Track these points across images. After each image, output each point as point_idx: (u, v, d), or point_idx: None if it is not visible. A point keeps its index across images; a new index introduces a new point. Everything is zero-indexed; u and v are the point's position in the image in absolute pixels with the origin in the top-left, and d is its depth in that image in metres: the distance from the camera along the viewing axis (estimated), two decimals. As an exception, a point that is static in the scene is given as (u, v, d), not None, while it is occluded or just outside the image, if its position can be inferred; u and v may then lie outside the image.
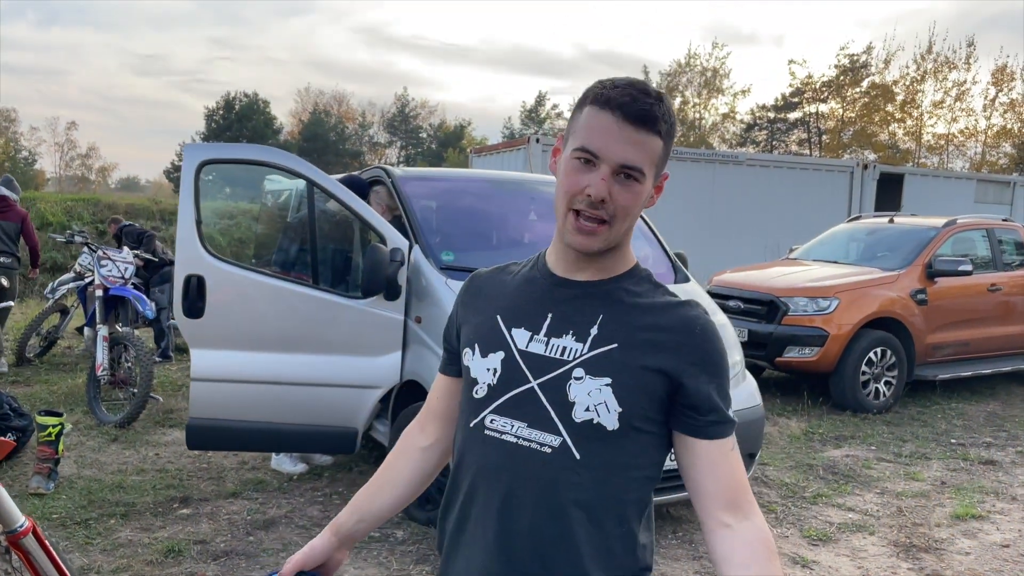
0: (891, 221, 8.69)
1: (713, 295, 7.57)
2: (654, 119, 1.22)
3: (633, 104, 1.21)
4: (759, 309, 7.39)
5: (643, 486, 1.30)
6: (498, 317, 1.35)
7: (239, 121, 48.62)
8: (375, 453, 5.21)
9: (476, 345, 1.36)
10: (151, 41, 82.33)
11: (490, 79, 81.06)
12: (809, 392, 7.44)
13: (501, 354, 1.32)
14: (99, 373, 6.06)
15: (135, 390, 5.97)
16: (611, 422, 1.24)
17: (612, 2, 76.83)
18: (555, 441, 1.26)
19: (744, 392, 4.41)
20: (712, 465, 1.26)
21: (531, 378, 1.28)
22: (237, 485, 4.77)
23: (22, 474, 4.77)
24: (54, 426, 4.61)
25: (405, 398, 4.35)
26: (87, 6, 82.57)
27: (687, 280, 4.87)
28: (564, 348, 1.28)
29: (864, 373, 7.09)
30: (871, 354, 7.10)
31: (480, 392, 1.33)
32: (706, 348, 1.27)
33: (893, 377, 7.22)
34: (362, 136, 57.57)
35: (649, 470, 1.30)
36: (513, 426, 1.29)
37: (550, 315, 1.31)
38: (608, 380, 1.24)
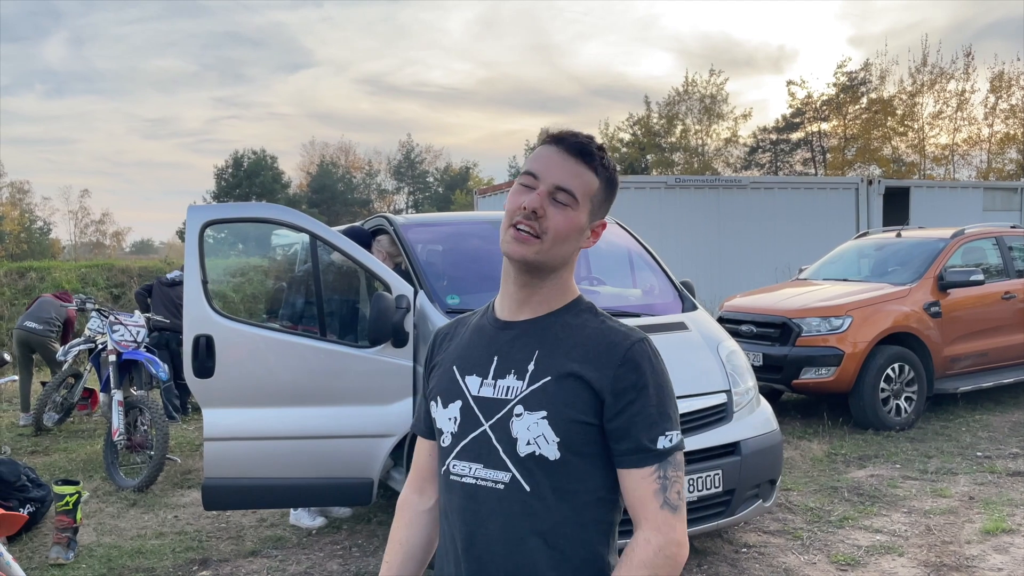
0: (899, 235, 8.65)
1: (724, 320, 7.55)
2: (590, 154, 1.36)
3: (573, 139, 1.37)
4: (772, 332, 7.34)
5: (600, 508, 1.35)
6: (454, 368, 1.45)
7: (248, 178, 49.15)
8: (393, 502, 5.16)
9: (438, 398, 1.45)
10: (157, 105, 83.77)
11: (493, 119, 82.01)
12: (829, 413, 7.36)
13: (459, 403, 1.41)
14: (116, 438, 6.08)
15: (152, 453, 5.98)
16: (552, 452, 1.32)
17: (607, 38, 77.78)
18: (506, 477, 1.34)
19: (759, 418, 4.36)
20: (626, 491, 1.33)
21: (483, 421, 1.37)
22: (256, 543, 4.74)
23: (42, 545, 4.77)
24: (71, 495, 4.62)
25: (419, 445, 4.32)
26: (93, 75, 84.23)
27: (694, 308, 4.84)
28: (508, 388, 1.36)
29: (883, 390, 7.00)
30: (889, 370, 7.02)
31: (445, 441, 1.43)
32: (626, 371, 1.32)
33: (913, 392, 7.13)
34: (370, 184, 58.09)
35: (602, 492, 1.35)
36: (471, 468, 1.38)
37: (496, 358, 1.40)
38: (544, 413, 1.32)
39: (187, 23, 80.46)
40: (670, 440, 1.32)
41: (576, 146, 1.35)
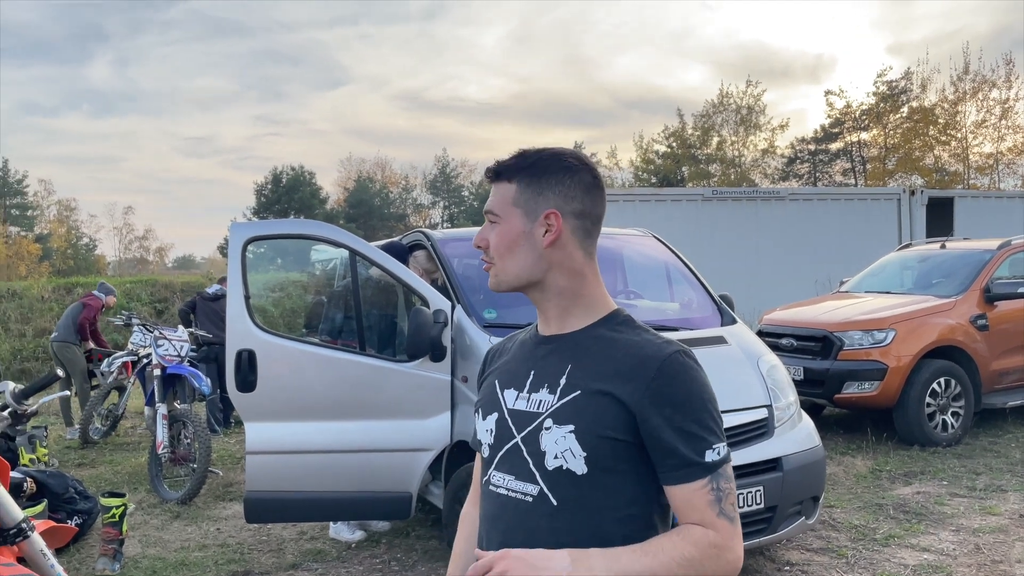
0: (943, 246, 8.49)
1: (764, 334, 7.45)
2: (497, 172, 1.44)
3: (489, 170, 1.45)
4: (813, 346, 7.24)
5: (628, 525, 1.33)
6: (496, 381, 1.48)
7: (287, 193, 49.81)
8: (432, 516, 5.18)
9: (480, 410, 1.49)
10: (199, 123, 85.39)
11: (527, 134, 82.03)
12: (873, 428, 7.21)
13: (496, 415, 1.44)
14: (160, 451, 6.19)
15: (195, 466, 6.07)
16: (579, 467, 1.31)
17: (642, 50, 77.61)
18: (534, 490, 1.35)
19: (801, 433, 4.30)
20: (677, 507, 1.32)
21: (516, 433, 1.39)
22: (297, 556, 4.78)
23: (88, 556, 4.86)
24: (117, 507, 4.70)
25: (457, 458, 4.34)
26: (137, 95, 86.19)
27: (734, 322, 4.80)
28: (540, 401, 1.38)
29: (929, 405, 6.85)
30: (935, 385, 6.87)
31: (485, 452, 1.46)
32: (661, 385, 1.30)
33: (960, 407, 6.97)
34: (406, 199, 58.55)
35: (632, 508, 1.33)
36: (505, 479, 1.40)
37: (532, 372, 1.42)
38: (571, 427, 1.32)
39: (227, 43, 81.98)
40: (717, 453, 1.30)
41: (491, 175, 1.45)
